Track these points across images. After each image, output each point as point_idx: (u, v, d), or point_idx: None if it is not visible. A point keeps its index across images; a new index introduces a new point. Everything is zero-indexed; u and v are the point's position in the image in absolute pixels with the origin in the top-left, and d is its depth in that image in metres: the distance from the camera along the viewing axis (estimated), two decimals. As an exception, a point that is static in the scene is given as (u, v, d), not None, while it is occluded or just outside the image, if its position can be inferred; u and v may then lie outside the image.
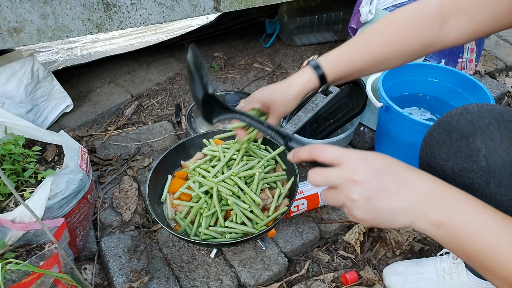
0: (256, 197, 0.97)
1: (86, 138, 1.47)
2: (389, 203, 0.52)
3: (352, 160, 0.54)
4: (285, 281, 1.07)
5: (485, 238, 0.50)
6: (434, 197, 0.52)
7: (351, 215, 0.55)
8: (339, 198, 0.54)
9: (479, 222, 0.51)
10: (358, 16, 1.52)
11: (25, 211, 0.85)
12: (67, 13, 1.25)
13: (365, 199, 0.52)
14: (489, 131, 0.63)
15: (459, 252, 0.53)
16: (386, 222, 0.53)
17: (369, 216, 0.53)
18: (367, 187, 0.52)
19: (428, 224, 0.52)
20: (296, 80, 0.82)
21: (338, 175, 0.54)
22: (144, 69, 1.84)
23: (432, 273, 1.01)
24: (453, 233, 0.51)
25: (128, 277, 1.03)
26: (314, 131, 1.39)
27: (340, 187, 0.54)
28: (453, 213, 0.51)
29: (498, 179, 0.61)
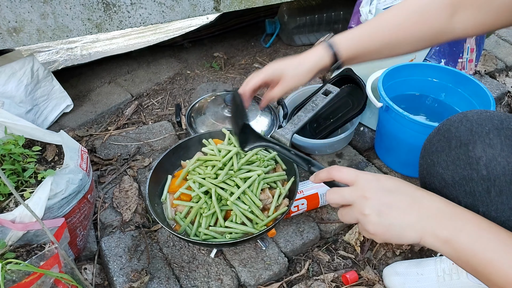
0: (257, 199, 0.98)
1: (86, 138, 1.47)
2: (399, 219, 0.57)
3: (364, 179, 0.60)
4: (285, 281, 1.07)
5: (490, 254, 0.53)
6: (441, 215, 0.56)
7: (364, 230, 0.59)
8: (353, 214, 0.59)
9: (484, 239, 0.54)
10: (358, 16, 1.52)
11: (25, 211, 0.85)
12: (67, 12, 1.25)
13: (376, 214, 0.57)
14: (489, 138, 0.64)
15: (466, 267, 0.55)
16: (396, 236, 0.57)
17: (380, 230, 0.57)
18: (377, 203, 0.57)
19: (437, 240, 0.55)
20: (309, 57, 0.85)
21: (351, 193, 0.60)
22: (144, 69, 1.84)
23: (432, 273, 1.01)
24: (460, 250, 0.54)
25: (128, 277, 1.03)
26: (314, 131, 1.39)
27: (354, 204, 0.59)
28: (459, 229, 0.55)
29: (499, 188, 0.61)
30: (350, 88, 1.41)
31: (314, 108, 1.32)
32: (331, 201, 0.62)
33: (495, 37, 1.99)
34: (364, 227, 0.59)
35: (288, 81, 0.86)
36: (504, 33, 2.01)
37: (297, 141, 1.30)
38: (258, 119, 1.33)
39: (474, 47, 1.51)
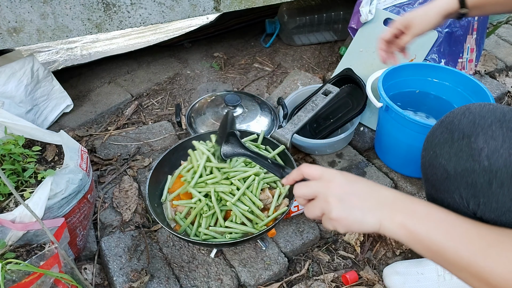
0: (257, 200, 0.98)
1: (86, 138, 1.47)
2: (359, 204, 0.62)
3: (329, 173, 0.66)
4: (285, 281, 1.07)
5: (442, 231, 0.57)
6: (397, 201, 0.62)
7: (328, 219, 0.64)
8: (318, 204, 0.65)
9: (436, 218, 0.59)
10: (358, 16, 1.52)
11: (25, 211, 0.85)
12: (67, 13, 1.25)
13: (338, 200, 0.62)
14: (491, 130, 0.64)
15: (423, 250, 0.59)
16: (357, 222, 0.62)
17: (342, 215, 0.62)
18: (340, 190, 0.63)
19: (394, 225, 0.60)
20: (436, 2, 0.95)
21: (317, 184, 0.66)
22: (144, 69, 1.84)
23: (433, 272, 1.01)
24: (414, 231, 0.58)
25: (128, 277, 1.03)
26: (314, 131, 1.39)
27: (319, 194, 0.65)
28: (412, 211, 0.60)
29: (501, 179, 0.62)
30: (350, 88, 1.41)
31: (314, 108, 1.32)
32: (298, 193, 0.68)
33: (495, 37, 1.99)
34: (328, 215, 0.63)
35: (416, 27, 0.96)
36: (504, 33, 2.01)
37: (297, 141, 1.31)
38: (258, 119, 1.33)
39: (474, 47, 1.51)
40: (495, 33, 2.00)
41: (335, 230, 0.66)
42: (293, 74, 1.72)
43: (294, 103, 1.47)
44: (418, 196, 1.22)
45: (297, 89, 1.60)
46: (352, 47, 1.57)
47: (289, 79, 1.70)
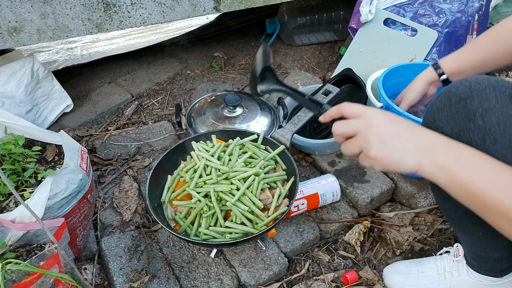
0: (257, 200, 0.98)
1: (86, 138, 1.47)
2: (400, 145, 0.62)
3: (371, 111, 0.66)
4: (285, 281, 1.07)
5: (485, 176, 0.57)
6: (439, 144, 0.61)
7: (365, 157, 0.64)
8: (357, 142, 0.65)
9: (479, 163, 0.59)
10: (358, 16, 1.52)
11: (25, 211, 0.85)
12: (67, 12, 1.25)
13: (380, 139, 0.62)
14: (485, 93, 0.68)
15: (462, 194, 0.59)
16: (396, 162, 0.62)
17: (382, 154, 0.62)
18: (382, 130, 0.63)
19: (434, 167, 0.60)
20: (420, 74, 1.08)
21: (358, 123, 0.65)
22: (144, 69, 1.84)
23: (433, 271, 1.01)
24: (455, 175, 0.58)
25: (128, 277, 1.03)
26: (314, 131, 1.39)
27: (360, 131, 0.65)
28: (456, 156, 0.59)
29: (493, 136, 0.65)
30: (350, 88, 1.41)
31: (314, 108, 1.32)
32: (338, 131, 0.67)
33: (495, 37, 1.99)
34: (367, 153, 0.63)
35: (406, 97, 1.10)
36: (504, 33, 2.01)
37: (297, 141, 1.31)
38: (258, 119, 1.33)
39: (474, 47, 1.50)
40: (495, 33, 1.99)
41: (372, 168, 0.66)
42: (293, 74, 1.72)
43: (294, 103, 1.47)
44: (418, 196, 1.22)
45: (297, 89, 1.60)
46: (352, 47, 1.57)
47: (289, 79, 1.70)
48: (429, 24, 1.44)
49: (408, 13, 1.47)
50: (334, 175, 1.22)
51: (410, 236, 1.16)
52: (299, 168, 1.33)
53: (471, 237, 0.89)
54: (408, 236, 1.16)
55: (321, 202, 1.17)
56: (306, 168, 1.35)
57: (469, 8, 1.44)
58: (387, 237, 1.18)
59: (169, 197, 1.05)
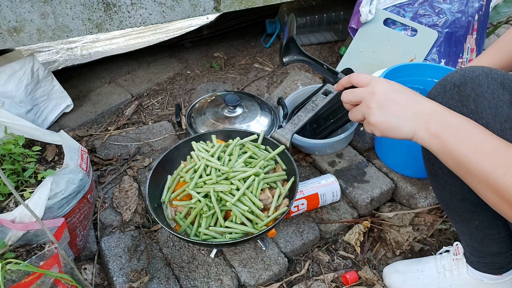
0: (257, 200, 0.97)
1: (86, 138, 1.47)
2: (397, 112, 0.66)
3: (377, 80, 0.70)
4: (285, 281, 1.07)
5: (472, 143, 0.61)
6: (435, 113, 0.65)
7: (367, 123, 0.69)
8: (361, 109, 0.70)
9: (469, 131, 0.62)
10: (358, 16, 1.52)
11: (25, 211, 0.85)
12: (67, 12, 1.25)
13: (379, 106, 0.67)
14: (478, 80, 0.71)
15: (450, 160, 0.63)
16: (393, 128, 0.66)
17: (380, 120, 0.67)
18: (382, 97, 0.67)
19: (427, 134, 0.64)
20: None
21: (363, 91, 0.70)
22: (144, 69, 1.84)
23: (433, 270, 1.01)
24: (446, 140, 0.62)
25: (128, 277, 1.03)
26: (314, 131, 1.39)
27: (363, 99, 0.69)
28: (448, 124, 0.63)
29: (485, 120, 0.68)
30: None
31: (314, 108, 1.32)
32: (345, 99, 0.73)
33: (495, 37, 1.99)
34: (368, 119, 0.68)
35: None
36: (504, 33, 2.01)
37: (297, 141, 1.31)
38: (258, 119, 1.33)
39: (474, 47, 1.51)
40: (495, 33, 2.00)
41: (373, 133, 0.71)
42: (293, 74, 1.72)
43: (294, 103, 1.47)
44: (418, 196, 1.22)
45: (297, 89, 1.60)
46: (352, 47, 1.57)
47: (289, 79, 1.70)
48: (429, 24, 1.44)
49: (408, 13, 1.47)
50: (334, 175, 1.22)
51: (410, 236, 1.16)
52: (299, 168, 1.33)
53: (468, 227, 0.90)
54: (408, 236, 1.16)
55: (321, 202, 1.17)
56: (306, 168, 1.35)
57: (469, 8, 1.44)
58: (387, 237, 1.18)
59: (169, 197, 1.05)
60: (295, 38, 1.00)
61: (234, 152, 1.07)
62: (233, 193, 0.98)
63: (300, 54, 0.98)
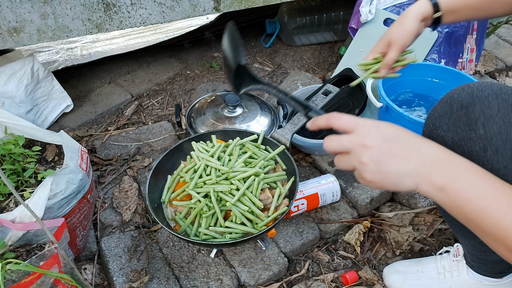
0: (257, 200, 0.97)
1: (86, 138, 1.47)
2: (397, 167, 0.57)
3: (364, 127, 0.59)
4: (285, 281, 1.07)
5: (484, 201, 0.54)
6: (438, 163, 0.56)
7: (361, 177, 0.60)
8: (351, 162, 0.60)
9: (479, 186, 0.55)
10: (358, 16, 1.52)
11: (25, 211, 0.85)
12: (67, 13, 1.25)
13: (374, 163, 0.57)
14: (487, 101, 0.66)
15: (459, 215, 0.56)
16: (393, 184, 0.58)
17: (377, 178, 0.57)
18: (376, 151, 0.57)
19: (432, 188, 0.56)
20: (410, 8, 0.92)
21: (351, 141, 0.59)
22: (144, 69, 1.84)
23: (433, 271, 1.01)
24: (454, 197, 0.55)
25: (128, 277, 1.03)
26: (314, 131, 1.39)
27: (352, 151, 0.59)
28: (455, 178, 0.55)
29: (495, 146, 0.63)
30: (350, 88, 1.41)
31: (314, 108, 1.32)
32: (329, 149, 0.62)
33: (495, 37, 1.99)
34: (362, 175, 0.59)
35: (397, 40, 0.92)
36: (504, 33, 2.01)
37: (297, 141, 1.31)
38: (258, 119, 1.33)
39: (474, 47, 1.51)
40: (495, 33, 2.00)
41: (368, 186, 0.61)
42: (293, 74, 1.72)
43: (294, 103, 1.46)
44: (418, 196, 1.22)
45: (297, 89, 1.60)
46: (352, 47, 1.57)
47: (289, 79, 1.70)
48: (429, 24, 1.44)
49: (408, 13, 1.47)
50: (334, 175, 1.22)
51: (410, 236, 1.16)
52: (299, 168, 1.33)
53: (471, 241, 0.88)
54: (408, 236, 1.16)
55: (321, 202, 1.17)
56: (306, 168, 1.35)
57: (469, 8, 1.44)
58: (387, 237, 1.18)
59: (169, 197, 1.05)
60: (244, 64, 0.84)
61: (234, 152, 1.07)
62: (233, 193, 0.98)
63: (256, 83, 0.83)
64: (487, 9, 0.87)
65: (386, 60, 0.94)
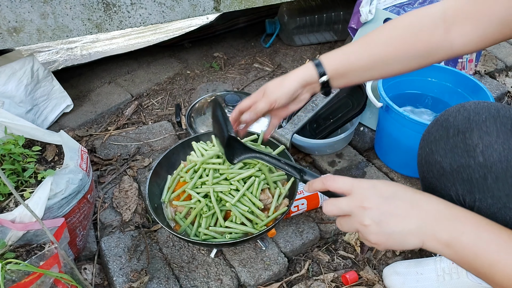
0: (257, 201, 0.97)
1: (86, 138, 1.47)
2: (399, 226, 0.56)
3: (361, 188, 0.59)
4: (285, 281, 1.07)
5: (492, 256, 0.52)
6: (441, 218, 0.56)
7: (365, 239, 0.59)
8: (353, 225, 0.59)
9: (485, 240, 0.53)
10: (358, 16, 1.52)
11: (25, 211, 0.85)
12: (67, 12, 1.25)
13: (376, 224, 0.56)
14: (485, 126, 0.64)
15: (469, 269, 0.55)
16: (398, 244, 0.57)
17: (382, 239, 0.57)
18: (376, 212, 0.57)
19: (438, 244, 0.55)
20: (294, 71, 0.81)
21: (349, 204, 0.59)
22: (144, 69, 1.84)
23: (432, 273, 1.01)
24: (461, 252, 0.54)
25: (128, 277, 1.03)
26: (314, 131, 1.39)
27: (353, 214, 0.59)
28: (460, 233, 0.54)
29: (495, 174, 0.62)
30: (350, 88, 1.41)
31: (314, 108, 1.32)
32: (329, 213, 0.62)
33: (495, 37, 1.99)
34: (365, 237, 0.59)
35: (271, 93, 0.82)
36: (504, 33, 2.01)
37: (297, 141, 1.31)
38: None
39: (474, 47, 1.50)
40: (495, 33, 1.99)
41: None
42: (293, 74, 1.72)
43: (294, 103, 1.46)
44: (418, 196, 1.22)
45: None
46: (352, 47, 1.57)
47: (289, 79, 1.69)
48: (429, 24, 1.44)
49: (408, 13, 1.47)
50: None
51: (410, 236, 1.15)
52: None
53: None
54: (408, 236, 1.15)
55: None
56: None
57: (469, 8, 1.44)
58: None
59: (169, 197, 1.05)
60: (235, 136, 0.84)
61: None
62: (233, 193, 0.98)
63: (248, 151, 0.83)
64: (381, 69, 0.77)
65: (256, 107, 0.84)
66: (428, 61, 0.75)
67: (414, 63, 0.75)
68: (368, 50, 0.76)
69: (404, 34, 0.73)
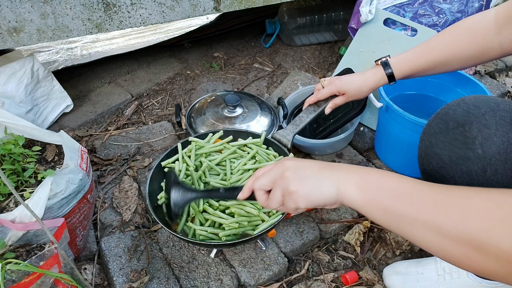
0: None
1: (86, 138, 1.47)
2: (314, 173, 0.62)
3: (275, 165, 0.66)
4: (285, 281, 1.07)
5: (393, 185, 0.55)
6: (351, 169, 0.61)
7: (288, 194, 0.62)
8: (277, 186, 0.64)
9: (388, 176, 0.58)
10: (358, 16, 1.52)
11: (25, 211, 0.85)
12: (67, 12, 1.25)
13: (293, 171, 0.62)
14: (485, 119, 0.65)
15: (376, 210, 0.56)
16: (315, 190, 0.61)
17: (299, 184, 0.61)
18: (294, 165, 0.63)
19: (350, 187, 0.58)
20: (371, 78, 1.01)
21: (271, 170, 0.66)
22: (144, 69, 1.84)
23: (433, 272, 1.01)
24: (368, 189, 0.57)
25: (128, 277, 1.03)
26: (314, 131, 1.39)
27: (275, 176, 0.65)
28: (367, 173, 0.59)
29: (494, 167, 0.63)
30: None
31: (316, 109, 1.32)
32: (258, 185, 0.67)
33: (495, 37, 1.99)
34: (287, 190, 0.62)
35: (350, 96, 1.05)
36: (504, 33, 2.01)
37: (297, 141, 1.31)
38: (258, 119, 1.33)
39: (474, 47, 1.50)
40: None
41: (299, 207, 0.63)
42: (293, 74, 1.72)
43: (294, 103, 1.47)
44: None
45: (297, 89, 1.60)
46: (352, 47, 1.57)
47: (289, 79, 1.70)
48: (429, 24, 1.44)
49: (408, 13, 1.47)
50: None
51: (410, 236, 1.15)
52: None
53: None
54: (408, 236, 1.15)
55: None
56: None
57: (469, 9, 1.44)
58: (387, 237, 1.18)
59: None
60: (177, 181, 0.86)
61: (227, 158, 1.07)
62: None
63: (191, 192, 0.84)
64: (441, 68, 0.92)
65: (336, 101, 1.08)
66: (483, 60, 0.86)
67: (471, 62, 0.87)
68: (432, 54, 0.90)
69: (462, 37, 0.86)
